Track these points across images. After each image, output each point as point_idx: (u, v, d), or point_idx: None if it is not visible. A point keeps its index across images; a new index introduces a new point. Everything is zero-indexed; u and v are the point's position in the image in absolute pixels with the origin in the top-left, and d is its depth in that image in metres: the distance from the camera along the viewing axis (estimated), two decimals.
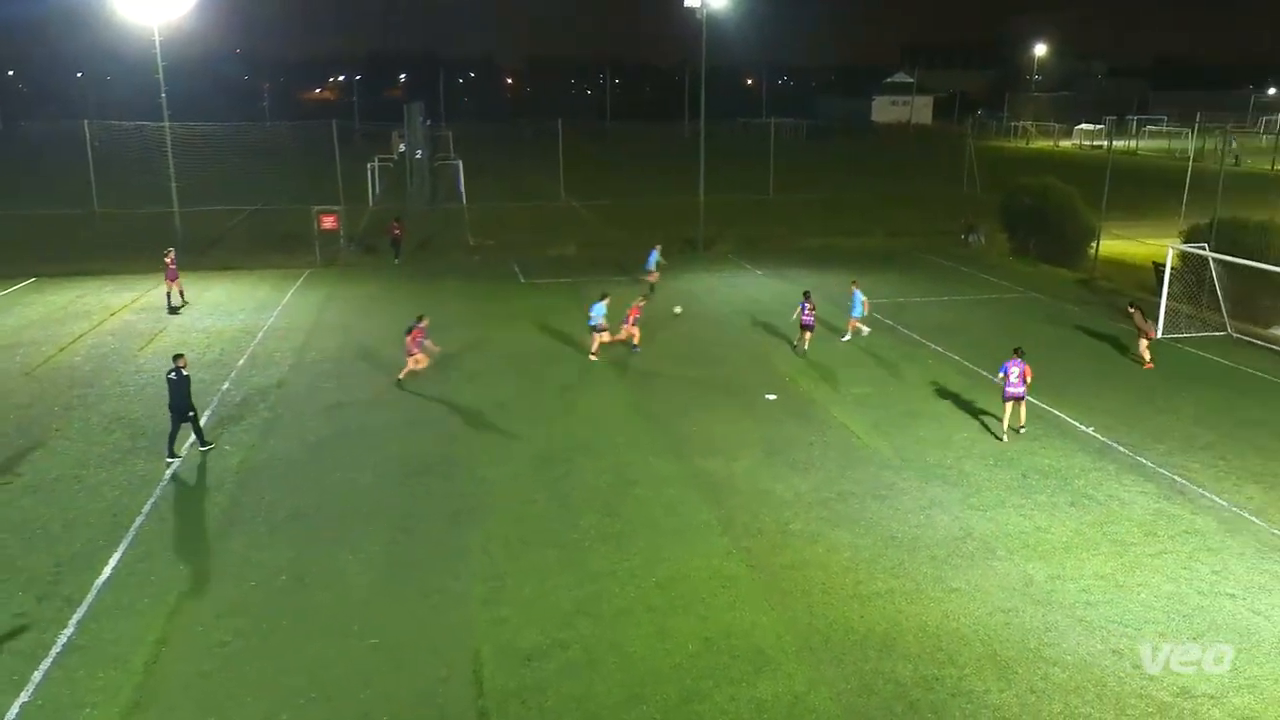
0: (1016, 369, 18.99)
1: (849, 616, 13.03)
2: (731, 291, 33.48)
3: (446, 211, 51.87)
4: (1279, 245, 28.20)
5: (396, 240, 38.23)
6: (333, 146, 44.45)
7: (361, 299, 32.28)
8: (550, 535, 15.36)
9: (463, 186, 56.13)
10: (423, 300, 31.87)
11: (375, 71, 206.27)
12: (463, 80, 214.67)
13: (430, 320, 23.52)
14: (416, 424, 20.41)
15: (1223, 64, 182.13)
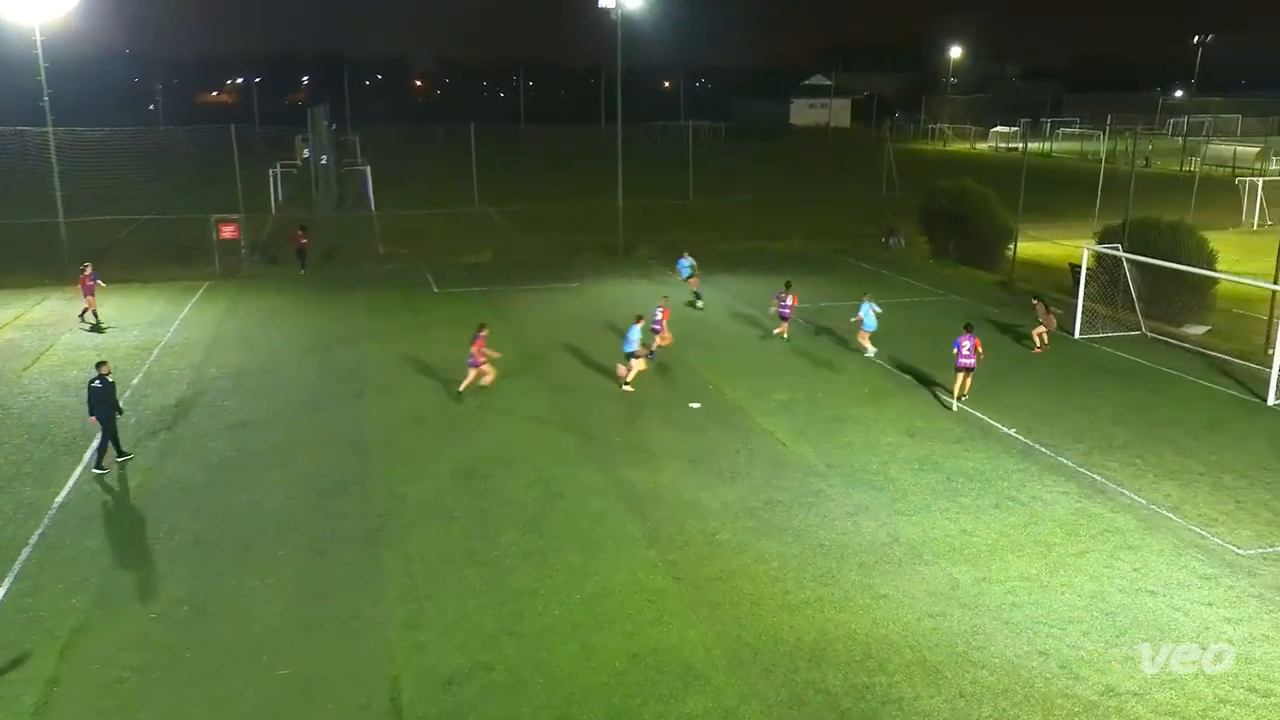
0: (968, 343, 21.29)
1: (778, 627, 13.18)
2: (653, 298, 33.54)
3: (355, 219, 51.11)
4: (1190, 245, 29.41)
5: (302, 250, 37.54)
6: (231, 152, 43.46)
7: (265, 311, 31.59)
8: (471, 553, 15.22)
9: (371, 193, 55.36)
10: (331, 312, 31.37)
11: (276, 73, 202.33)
12: (369, 83, 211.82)
13: (341, 332, 23.15)
14: (327, 441, 20.04)
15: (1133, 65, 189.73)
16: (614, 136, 43.10)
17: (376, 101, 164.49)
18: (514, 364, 25.61)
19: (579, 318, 30.80)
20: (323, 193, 54.38)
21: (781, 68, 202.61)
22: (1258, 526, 16.09)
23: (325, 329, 29.16)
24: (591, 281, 36.21)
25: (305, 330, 29.14)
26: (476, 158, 54.49)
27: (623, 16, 40.50)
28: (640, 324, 23.62)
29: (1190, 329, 28.48)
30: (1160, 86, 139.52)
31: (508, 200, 57.26)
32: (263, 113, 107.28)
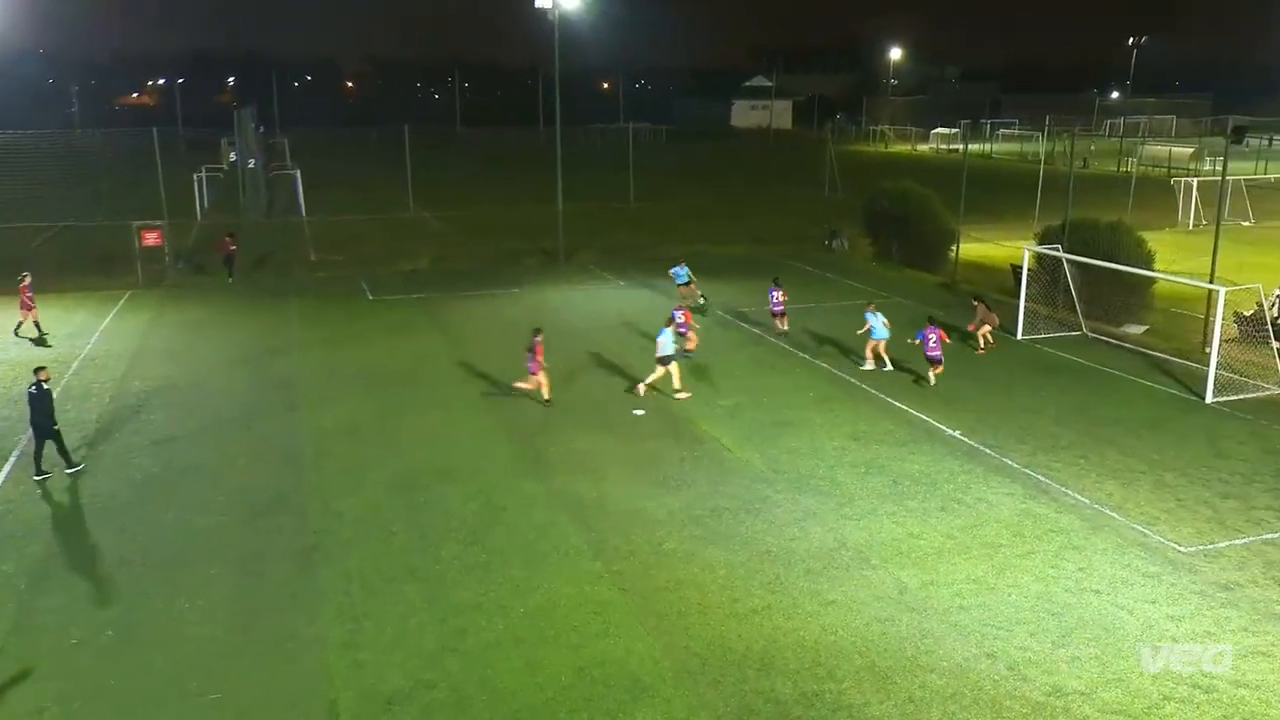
0: (933, 335, 23.14)
1: (726, 636, 13.25)
2: (594, 304, 33.66)
3: (285, 225, 50.37)
4: (1128, 245, 30.19)
5: (230, 257, 36.91)
6: (154, 156, 42.57)
7: (191, 322, 31.00)
8: (412, 569, 15.07)
9: (302, 198, 54.59)
10: (261, 322, 30.88)
11: (200, 74, 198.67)
12: (299, 84, 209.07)
13: (272, 343, 22.82)
14: (259, 456, 19.71)
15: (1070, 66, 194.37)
16: (553, 139, 43.03)
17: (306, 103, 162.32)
18: (453, 373, 25.46)
19: (520, 325, 30.58)
20: (251, 198, 53.54)
21: (722, 68, 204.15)
22: (1198, 524, 16.55)
23: (255, 339, 28.70)
24: (532, 288, 36.11)
25: (234, 341, 28.64)
26: (412, 161, 54.05)
27: (560, 17, 40.47)
28: (671, 328, 23.33)
29: (1129, 328, 29.22)
30: (1097, 88, 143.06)
31: (445, 205, 56.89)
32: (186, 115, 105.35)
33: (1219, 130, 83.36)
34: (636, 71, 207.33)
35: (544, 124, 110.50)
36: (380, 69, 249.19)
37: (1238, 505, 17.26)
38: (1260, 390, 23.30)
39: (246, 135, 56.26)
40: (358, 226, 50.22)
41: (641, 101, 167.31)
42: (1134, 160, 69.11)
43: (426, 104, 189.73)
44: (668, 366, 22.73)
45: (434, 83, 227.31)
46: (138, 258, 36.36)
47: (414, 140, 55.30)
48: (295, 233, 47.79)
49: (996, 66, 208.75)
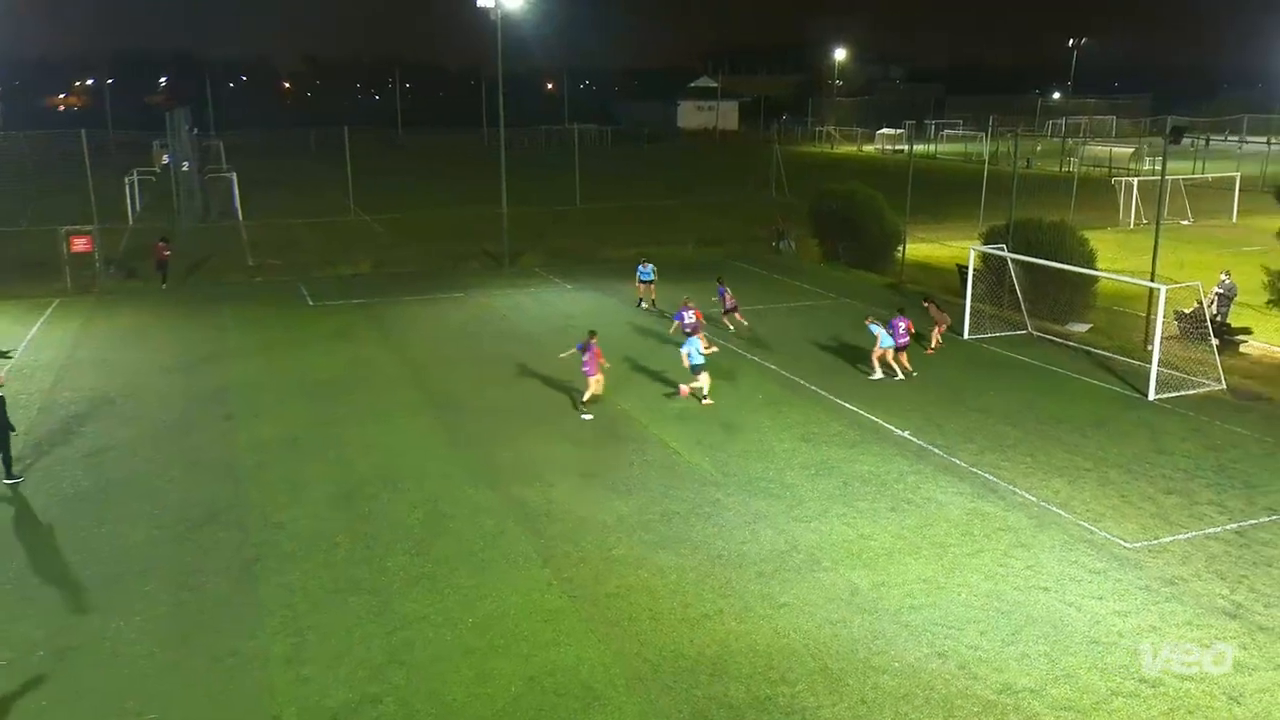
0: (903, 324, 24.35)
1: (678, 642, 13.27)
2: (540, 307, 33.57)
3: (220, 229, 49.59)
4: (1071, 244, 30.80)
5: (163, 263, 36.25)
6: (83, 159, 41.67)
7: (124, 330, 30.38)
8: (356, 580, 14.90)
9: (238, 201, 53.80)
10: (197, 329, 30.35)
11: (131, 74, 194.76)
12: (234, 84, 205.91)
13: (208, 351, 22.47)
14: (196, 468, 19.37)
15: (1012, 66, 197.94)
16: (496, 141, 42.85)
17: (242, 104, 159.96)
18: (397, 379, 25.25)
19: (465, 330, 30.52)
20: (185, 201, 52.62)
21: (668, 69, 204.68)
22: (1142, 520, 16.92)
23: (190, 347, 28.20)
24: (477, 292, 35.92)
25: (168, 349, 28.12)
26: (352, 163, 53.54)
27: (503, 16, 40.35)
28: (698, 335, 23.02)
29: (1073, 327, 29.81)
30: (1039, 89, 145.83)
31: (386, 208, 56.41)
32: (117, 116, 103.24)
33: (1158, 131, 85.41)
34: (581, 72, 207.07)
35: (487, 125, 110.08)
36: (318, 69, 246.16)
37: (1180, 501, 17.69)
38: (1200, 387, 23.89)
39: (180, 137, 55.27)
40: (296, 230, 49.59)
41: (587, 103, 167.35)
42: (1076, 160, 70.59)
43: (367, 105, 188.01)
44: (702, 376, 22.64)
45: (374, 83, 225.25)
46: (66, 264, 35.55)
47: (354, 142, 54.79)
48: (231, 237, 47.08)
49: (940, 67, 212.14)
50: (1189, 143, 77.82)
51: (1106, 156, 76.01)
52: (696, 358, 22.56)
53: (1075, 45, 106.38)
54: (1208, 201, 54.22)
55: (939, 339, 27.43)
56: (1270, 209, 51.83)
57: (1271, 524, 16.75)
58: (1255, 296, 28.18)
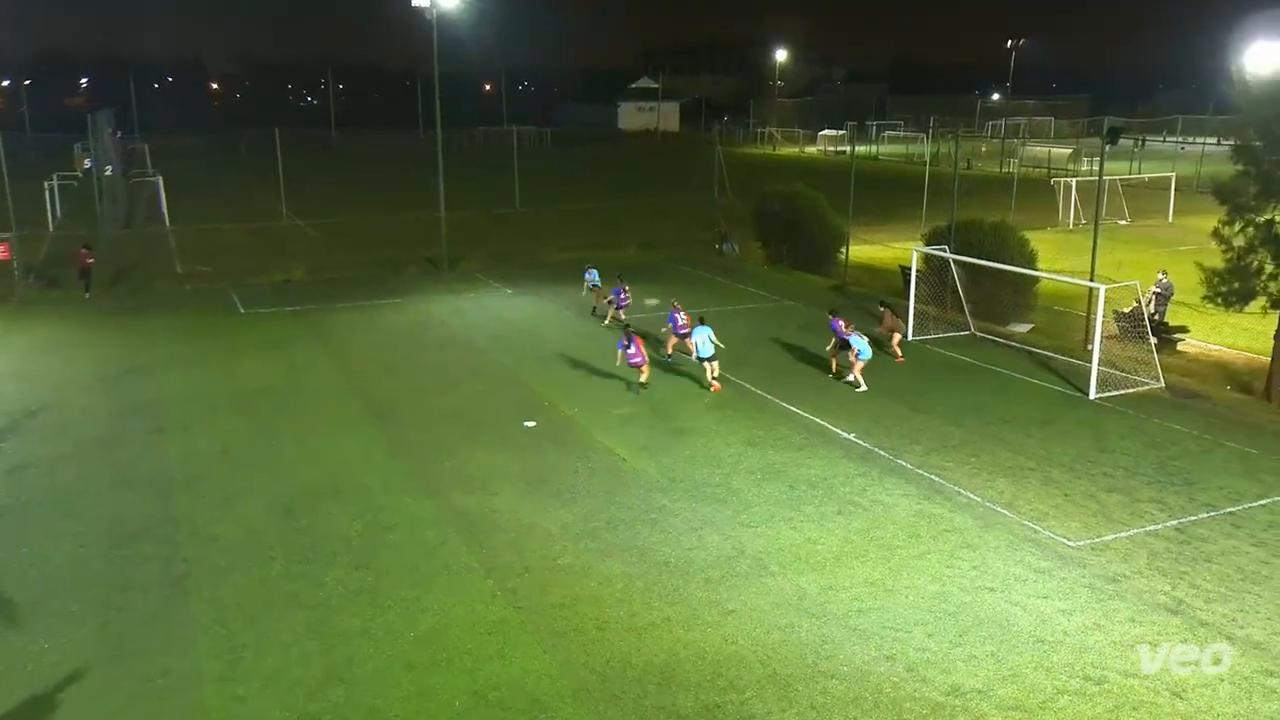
0: (840, 324, 24.80)
1: (626, 651, 13.27)
2: (481, 313, 33.39)
3: (146, 236, 48.62)
4: (1012, 245, 31.38)
5: (86, 271, 35.43)
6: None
7: (44, 341, 29.64)
8: (293, 595, 14.69)
9: (165, 206, 52.79)
10: (123, 339, 29.70)
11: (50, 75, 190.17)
12: (159, 85, 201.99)
13: (135, 362, 22.04)
14: (124, 483, 18.95)
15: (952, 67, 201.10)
16: (434, 143, 42.56)
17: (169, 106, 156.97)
18: (334, 388, 24.95)
19: (403, 336, 30.25)
20: (109, 207, 51.50)
21: (607, 69, 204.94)
22: (1085, 518, 17.28)
23: (117, 359, 27.59)
24: (416, 297, 35.63)
25: (93, 361, 27.49)
26: (284, 166, 52.82)
27: (438, 16, 40.10)
28: (705, 324, 24.35)
29: (1015, 327, 30.37)
30: (979, 89, 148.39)
31: (320, 212, 55.75)
32: (35, 119, 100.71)
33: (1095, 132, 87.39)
34: (520, 73, 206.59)
35: (424, 127, 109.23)
36: (249, 70, 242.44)
37: (1122, 499, 18.09)
38: (1140, 385, 24.46)
39: (102, 140, 54.15)
40: (227, 236, 48.82)
41: (526, 104, 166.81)
42: (1015, 161, 71.93)
43: (299, 106, 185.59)
44: (713, 363, 24.25)
45: (307, 84, 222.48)
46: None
47: (287, 144, 54.06)
48: (159, 243, 46.18)
49: (881, 68, 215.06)
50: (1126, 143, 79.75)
51: (1045, 157, 77.55)
52: (702, 350, 23.95)
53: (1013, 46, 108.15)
54: (1144, 202, 55.58)
55: (897, 352, 27.07)
56: (1205, 209, 53.21)
57: (1210, 520, 17.21)
58: (1192, 295, 28.86)
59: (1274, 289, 23.80)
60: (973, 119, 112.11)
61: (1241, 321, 27.16)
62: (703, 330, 24.15)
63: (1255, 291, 23.98)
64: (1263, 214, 23.83)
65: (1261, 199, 23.80)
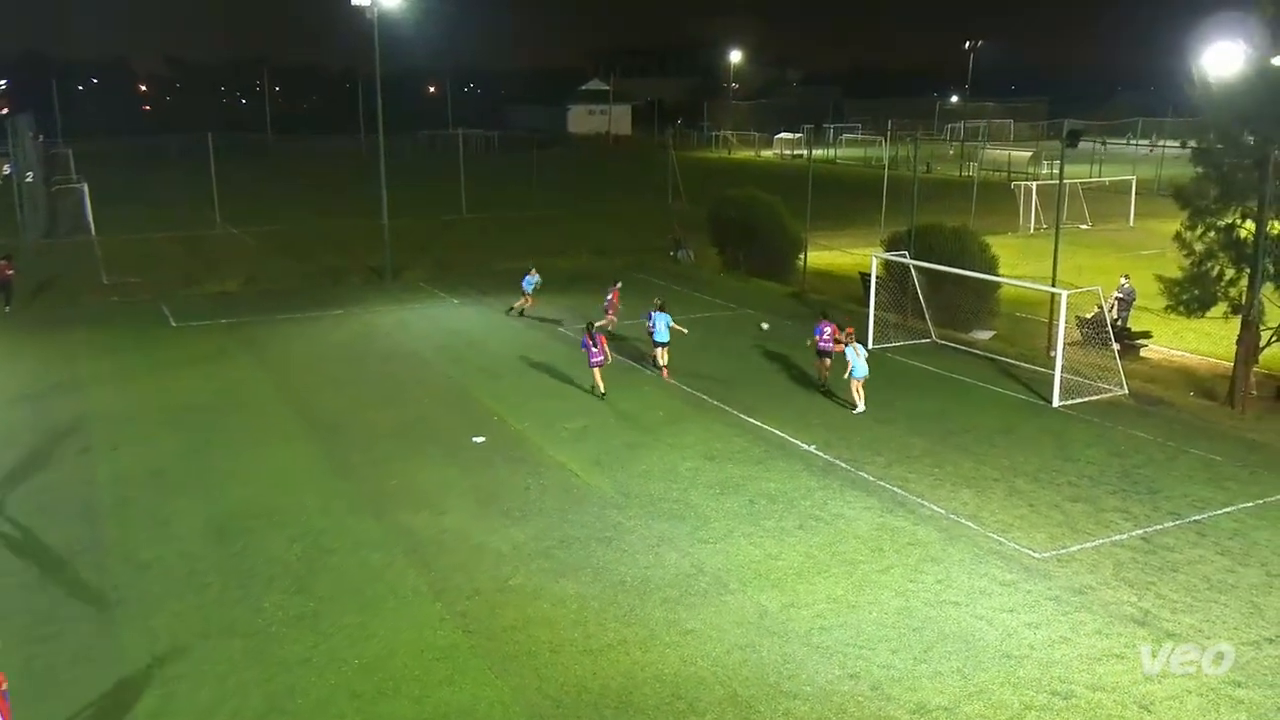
0: (828, 328, 24.49)
1: (581, 675, 13.22)
2: (427, 324, 33.18)
3: (70, 245, 47.76)
4: (972, 250, 31.81)
5: (5, 283, 34.71)
6: None
7: None
8: (230, 623, 14.46)
9: (90, 214, 51.91)
10: (45, 355, 29.12)
11: None
12: (84, 87, 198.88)
13: (58, 379, 21.65)
14: (48, 508, 18.54)
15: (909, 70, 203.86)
16: (375, 147, 42.30)
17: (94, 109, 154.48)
18: (272, 404, 24.65)
19: (345, 349, 29.97)
20: (29, 215, 50.55)
21: (556, 70, 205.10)
22: (1050, 529, 17.52)
23: (38, 375, 27.03)
24: (358, 308, 35.32)
25: (13, 377, 26.90)
26: (217, 172, 52.21)
27: (379, 15, 39.88)
28: (664, 312, 26.34)
29: (977, 334, 30.76)
30: (937, 92, 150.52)
31: (256, 220, 55.12)
32: None
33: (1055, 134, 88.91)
34: (465, 74, 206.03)
35: (365, 131, 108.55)
36: (180, 71, 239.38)
37: (1087, 508, 18.37)
38: (1103, 392, 24.87)
39: (22, 145, 53.16)
40: (157, 245, 48.11)
41: (472, 106, 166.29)
42: (975, 165, 72.90)
43: (233, 110, 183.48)
44: (664, 347, 26.36)
45: (241, 86, 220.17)
46: None
47: (220, 149, 53.47)
48: (83, 253, 45.36)
49: (839, 70, 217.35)
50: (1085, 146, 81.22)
51: (1005, 161, 78.71)
52: (660, 334, 26.16)
53: (971, 48, 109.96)
54: (1105, 205, 56.58)
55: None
56: (1166, 212, 54.31)
57: (1176, 529, 17.52)
58: (1155, 300, 29.40)
59: (1234, 294, 24.33)
60: (932, 122, 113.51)
61: (1204, 326, 27.72)
62: (662, 316, 26.22)
63: (1216, 298, 24.50)
64: (1223, 218, 24.35)
65: (1221, 202, 24.32)
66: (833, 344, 24.41)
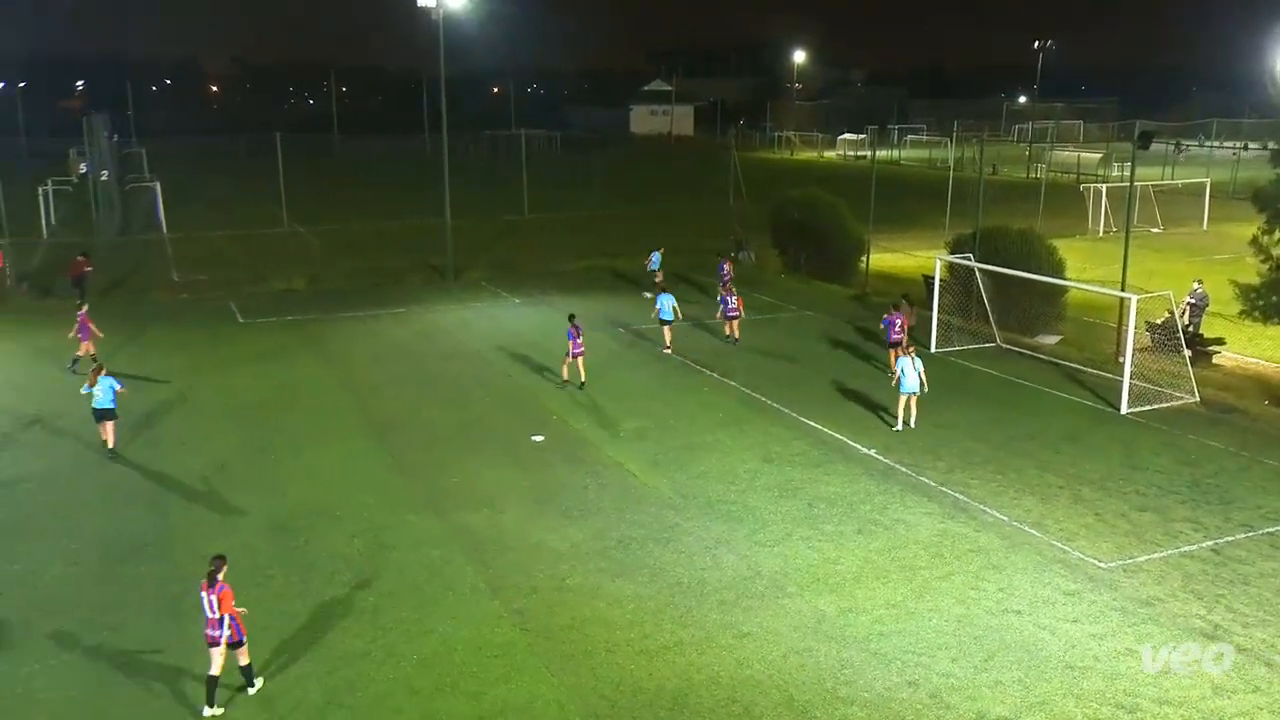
0: (899, 320, 25.56)
1: (637, 675, 13.24)
2: (488, 324, 33.43)
3: (142, 243, 48.88)
4: (1039, 253, 31.29)
5: (81, 278, 35.57)
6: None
7: (37, 351, 29.78)
8: (292, 616, 14.70)
9: (162, 212, 53.05)
10: (118, 349, 29.81)
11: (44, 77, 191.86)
12: (158, 88, 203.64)
13: (129, 372, 22.20)
14: (116, 499, 19.02)
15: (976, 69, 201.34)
16: (439, 147, 42.71)
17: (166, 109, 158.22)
18: (335, 401, 25.01)
19: (406, 347, 30.30)
20: (104, 214, 51.78)
21: (618, 70, 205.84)
22: (1117, 539, 17.18)
23: (110, 369, 27.63)
24: (419, 307, 35.70)
25: (87, 372, 27.57)
26: (285, 171, 53.07)
27: (445, 16, 40.27)
28: (667, 293, 28.97)
29: (1043, 339, 30.26)
30: (1004, 93, 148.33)
31: (321, 219, 55.90)
32: (29, 122, 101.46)
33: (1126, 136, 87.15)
34: (529, 75, 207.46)
35: (429, 131, 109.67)
36: (248, 72, 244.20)
37: (1155, 518, 17.99)
38: (1173, 399, 24.34)
39: (98, 145, 54.37)
40: (225, 243, 49.05)
41: (535, 107, 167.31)
42: (1043, 166, 71.72)
43: (301, 110, 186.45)
44: (669, 325, 28.78)
45: (308, 87, 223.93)
46: None
47: (287, 149, 54.33)
48: (155, 251, 46.42)
49: (904, 70, 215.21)
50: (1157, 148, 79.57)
51: (1074, 162, 77.36)
52: (665, 314, 28.49)
53: (1040, 48, 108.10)
54: (1178, 208, 55.38)
55: None
56: (1241, 215, 53.06)
57: (1248, 540, 17.09)
58: (1228, 306, 28.76)
59: None
60: (998, 122, 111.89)
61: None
62: (666, 298, 28.74)
63: None
64: None
65: None
66: (904, 335, 25.16)
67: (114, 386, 21.03)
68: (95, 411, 20.99)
